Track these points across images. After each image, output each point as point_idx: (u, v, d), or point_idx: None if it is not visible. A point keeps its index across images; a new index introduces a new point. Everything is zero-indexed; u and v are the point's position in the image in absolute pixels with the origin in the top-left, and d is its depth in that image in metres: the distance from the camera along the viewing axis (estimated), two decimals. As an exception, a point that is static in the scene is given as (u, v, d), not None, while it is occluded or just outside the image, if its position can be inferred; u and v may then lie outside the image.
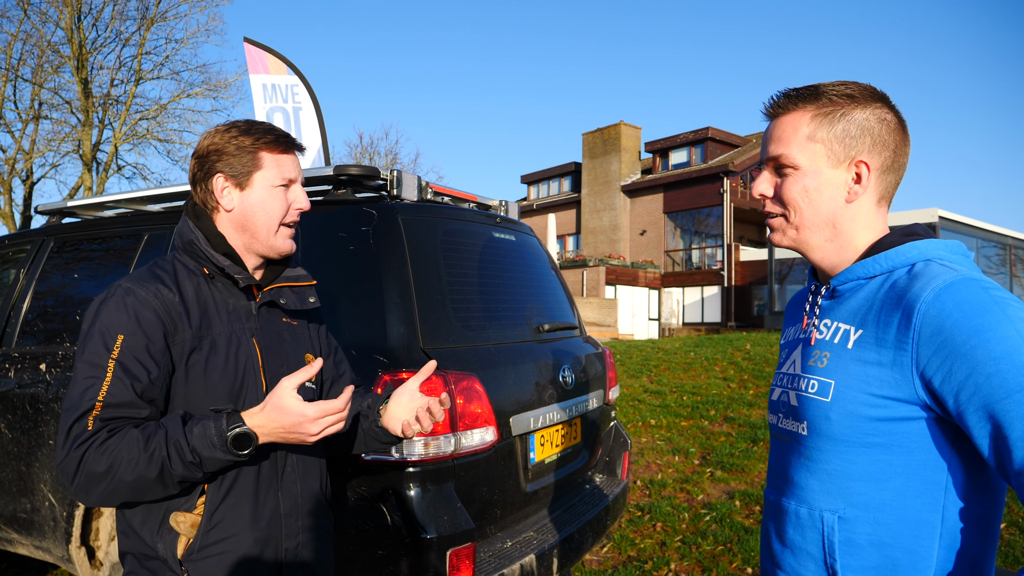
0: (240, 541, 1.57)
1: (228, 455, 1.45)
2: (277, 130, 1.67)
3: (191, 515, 1.54)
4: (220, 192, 1.63)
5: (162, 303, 1.55)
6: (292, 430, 1.47)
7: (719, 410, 8.05)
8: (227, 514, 1.56)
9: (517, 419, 2.70)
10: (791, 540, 1.29)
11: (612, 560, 4.24)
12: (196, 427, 1.45)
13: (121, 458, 1.41)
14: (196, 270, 1.64)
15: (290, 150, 1.68)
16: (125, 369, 1.47)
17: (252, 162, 1.62)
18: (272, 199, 1.64)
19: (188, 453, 1.43)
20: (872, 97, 1.24)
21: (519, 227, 3.49)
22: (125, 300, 1.52)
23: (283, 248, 1.69)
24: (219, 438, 1.44)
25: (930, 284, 1.12)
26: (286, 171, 1.66)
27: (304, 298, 1.78)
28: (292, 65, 6.60)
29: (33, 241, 3.78)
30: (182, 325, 1.56)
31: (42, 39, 22.45)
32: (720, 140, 31.02)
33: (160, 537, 1.53)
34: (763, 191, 1.32)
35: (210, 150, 1.63)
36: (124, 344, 1.48)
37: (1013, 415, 1.01)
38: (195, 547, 1.53)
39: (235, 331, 1.64)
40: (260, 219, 1.64)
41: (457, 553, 2.27)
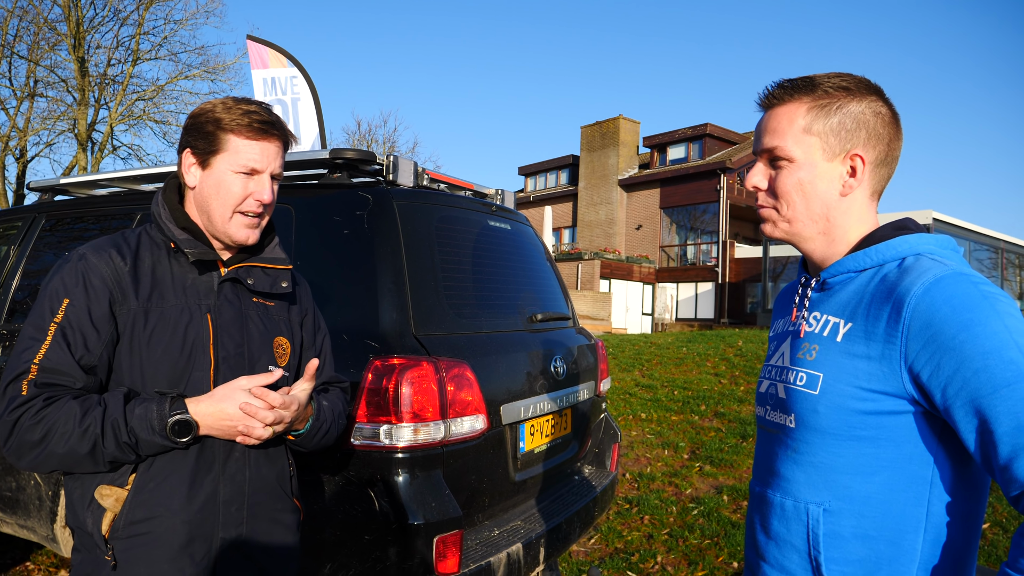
0: (167, 522, 1.50)
1: (165, 440, 1.43)
2: (259, 113, 1.58)
3: (118, 490, 1.49)
4: (187, 168, 1.60)
5: (112, 270, 1.52)
6: (239, 423, 1.49)
7: (709, 405, 8.08)
8: (155, 492, 1.50)
9: (508, 408, 2.70)
10: (776, 532, 1.29)
11: (599, 551, 4.25)
12: (138, 408, 1.42)
13: (56, 430, 1.38)
14: (162, 243, 1.61)
15: (265, 136, 1.58)
16: (64, 334, 1.45)
17: (218, 143, 1.56)
18: (228, 184, 1.57)
19: (124, 434, 1.40)
20: (867, 89, 1.24)
21: (515, 216, 3.49)
22: (77, 266, 1.50)
23: (237, 236, 1.61)
24: (159, 422, 1.42)
25: (920, 278, 1.11)
26: (251, 159, 1.57)
27: (276, 281, 1.71)
28: (292, 57, 6.77)
29: (24, 218, 3.75)
30: (129, 294, 1.52)
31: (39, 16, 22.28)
32: (718, 137, 31.01)
33: (89, 512, 1.49)
34: (757, 183, 1.31)
35: (191, 122, 1.59)
36: (68, 309, 1.46)
37: (1000, 410, 1.01)
38: (120, 524, 1.48)
39: (188, 305, 1.58)
40: (214, 203, 1.59)
41: (444, 540, 2.27)
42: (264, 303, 1.71)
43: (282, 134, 1.62)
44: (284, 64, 6.77)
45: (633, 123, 33.81)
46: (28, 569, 3.95)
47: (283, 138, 1.63)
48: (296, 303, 1.83)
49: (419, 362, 2.32)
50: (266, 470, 1.67)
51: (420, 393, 2.29)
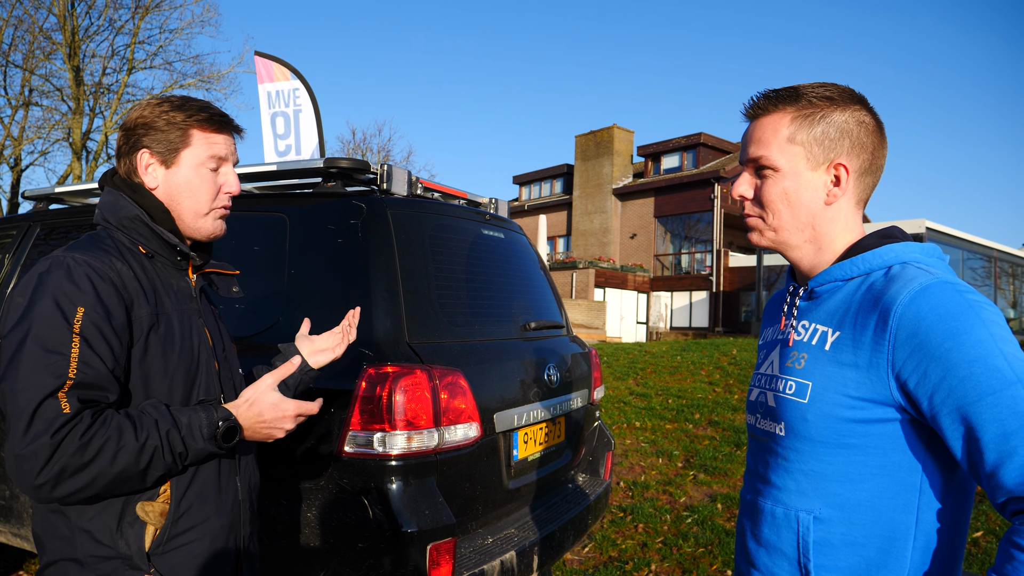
0: (209, 527, 1.52)
1: (214, 447, 1.43)
2: (212, 108, 1.57)
3: (158, 503, 1.44)
4: (144, 169, 1.52)
5: (118, 275, 1.43)
6: (272, 425, 1.52)
7: (704, 414, 8.09)
8: (195, 500, 1.50)
9: (501, 416, 2.70)
10: (766, 539, 1.30)
11: (593, 560, 4.25)
12: (183, 417, 1.41)
13: (109, 448, 1.28)
14: (132, 248, 1.52)
15: (224, 129, 1.57)
16: (90, 344, 1.33)
17: (181, 139, 1.52)
18: (200, 180, 1.54)
19: (179, 443, 1.38)
20: (851, 99, 1.25)
21: (508, 225, 3.50)
22: (79, 271, 1.37)
23: (211, 231, 1.60)
24: (208, 429, 1.42)
25: (906, 287, 1.13)
26: (216, 150, 1.55)
27: (228, 286, 1.74)
28: (295, 70, 6.99)
29: (19, 227, 3.75)
30: (140, 300, 1.45)
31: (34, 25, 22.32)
32: (712, 146, 31.12)
33: (121, 533, 1.40)
34: (743, 192, 1.32)
35: (138, 123, 1.52)
36: (85, 317, 1.34)
37: (985, 417, 1.02)
38: (164, 537, 1.44)
39: (183, 312, 1.55)
40: (186, 200, 1.54)
41: (437, 548, 2.27)
42: (214, 309, 1.75)
43: (236, 127, 1.62)
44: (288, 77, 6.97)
45: (627, 132, 33.93)
46: (20, 579, 3.92)
47: (237, 130, 1.63)
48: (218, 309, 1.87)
49: (413, 370, 2.33)
50: (255, 469, 1.75)
51: (414, 401, 2.29)
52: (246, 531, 1.65)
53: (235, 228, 2.78)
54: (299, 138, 6.79)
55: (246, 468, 1.67)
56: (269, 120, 7.00)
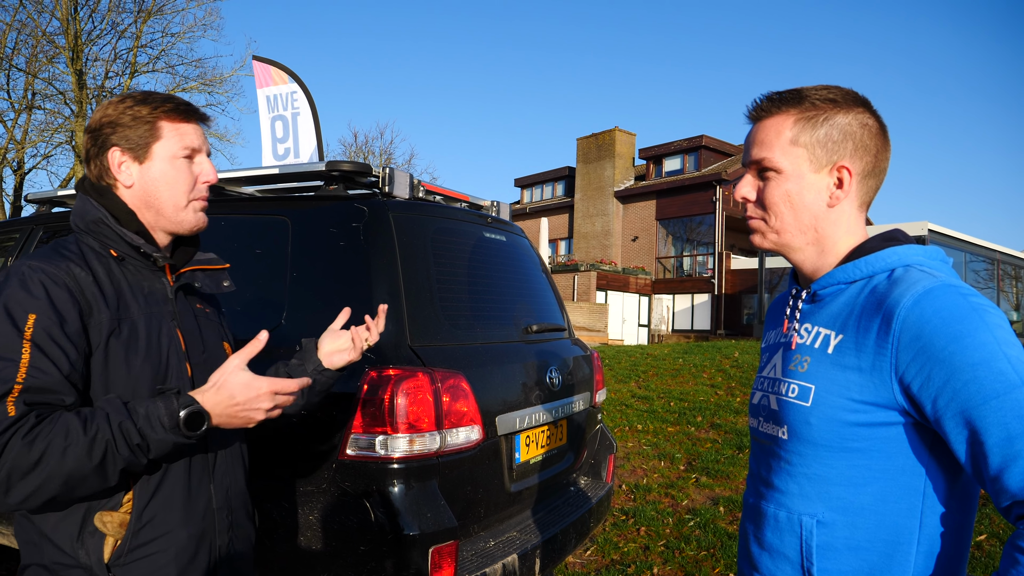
0: (174, 538, 1.46)
1: (178, 437, 1.33)
2: (176, 98, 1.55)
3: (119, 514, 1.41)
4: (117, 167, 1.50)
5: (75, 281, 1.40)
6: (246, 407, 1.39)
7: (706, 416, 8.08)
8: (159, 510, 1.44)
9: (503, 419, 2.70)
10: (769, 543, 1.30)
11: (595, 563, 4.24)
12: (140, 408, 1.33)
13: (56, 445, 1.24)
14: (103, 252, 1.49)
15: (191, 119, 1.55)
16: (42, 350, 1.30)
17: (150, 132, 1.49)
18: (175, 171, 1.52)
19: (135, 435, 1.30)
20: (854, 102, 1.25)
21: (510, 228, 3.50)
22: (33, 278, 1.36)
23: (193, 223, 1.57)
24: (169, 418, 1.32)
25: (910, 290, 1.12)
26: (188, 140, 1.53)
27: (218, 282, 1.69)
28: (293, 73, 6.98)
29: (22, 230, 3.76)
30: (98, 306, 1.41)
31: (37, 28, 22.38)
32: (714, 148, 31.11)
33: (81, 542, 1.38)
34: (745, 194, 1.32)
35: (103, 122, 1.49)
36: (37, 324, 1.31)
37: (989, 421, 1.02)
38: (124, 549, 1.40)
39: (154, 315, 1.51)
40: (164, 193, 1.51)
41: (439, 551, 2.27)
42: (204, 309, 1.69)
43: (202, 116, 1.60)
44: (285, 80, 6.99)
45: (629, 135, 33.93)
46: (21, 582, 3.92)
47: (204, 119, 1.60)
48: (218, 306, 1.82)
49: (415, 373, 2.33)
50: (239, 472, 1.68)
51: (416, 404, 2.29)
52: (222, 540, 1.58)
53: (237, 231, 2.79)
54: (297, 141, 6.81)
55: (224, 475, 1.61)
56: (268, 124, 7.03)
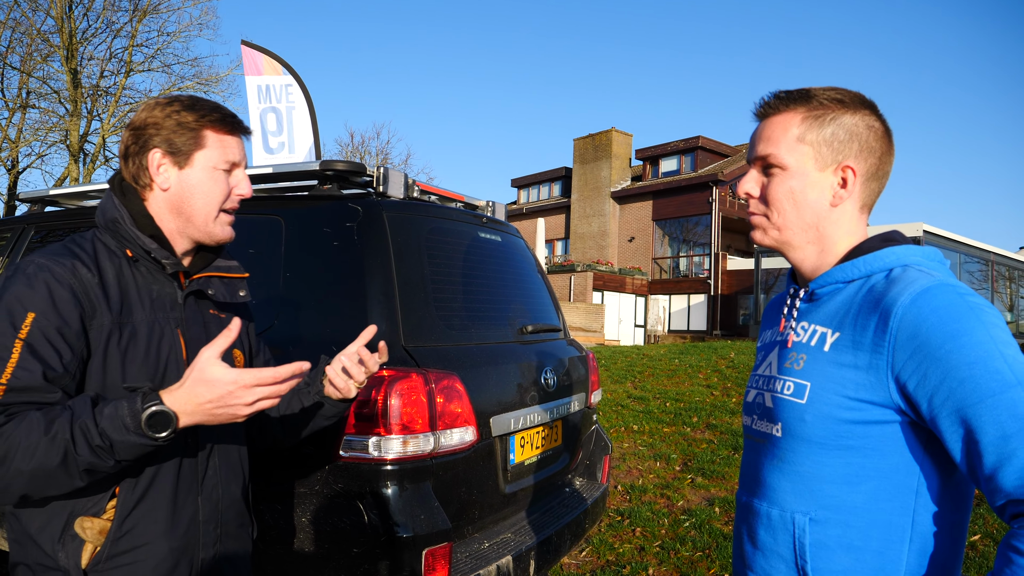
0: (153, 550, 1.43)
1: (142, 439, 1.26)
2: (223, 109, 1.55)
3: (99, 520, 1.39)
4: (156, 169, 1.50)
5: (80, 281, 1.39)
6: (222, 403, 1.29)
7: (701, 417, 8.08)
8: (140, 520, 1.42)
9: (498, 419, 2.69)
10: (762, 542, 1.29)
11: (591, 564, 4.23)
12: (107, 408, 1.28)
13: (18, 444, 1.23)
14: (118, 251, 1.50)
15: (236, 131, 1.56)
16: (33, 351, 1.30)
17: (194, 140, 1.50)
18: (212, 182, 1.52)
19: (96, 436, 1.25)
20: (861, 103, 1.26)
21: (505, 228, 3.49)
22: (38, 276, 1.35)
23: (221, 235, 1.57)
24: (132, 419, 1.25)
25: (907, 289, 1.12)
26: (230, 154, 1.54)
27: (235, 290, 1.67)
28: (287, 65, 6.76)
29: (14, 229, 3.74)
30: (101, 308, 1.41)
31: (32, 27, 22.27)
32: (710, 149, 31.17)
33: (62, 545, 1.38)
34: (749, 190, 1.32)
35: (148, 123, 1.49)
36: (35, 323, 1.31)
37: (985, 420, 1.02)
38: (102, 556, 1.39)
39: (157, 320, 1.50)
40: (198, 202, 1.52)
41: (433, 553, 2.26)
42: (218, 315, 1.66)
43: (245, 129, 1.59)
44: (279, 72, 6.76)
45: (626, 135, 33.97)
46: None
47: (247, 132, 1.60)
48: (242, 313, 1.79)
49: (408, 374, 2.32)
50: (234, 486, 1.64)
51: (409, 405, 2.28)
52: (207, 554, 1.55)
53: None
54: (292, 136, 6.66)
55: (214, 487, 1.58)
56: (259, 115, 6.81)
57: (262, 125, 6.80)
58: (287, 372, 1.32)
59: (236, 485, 1.65)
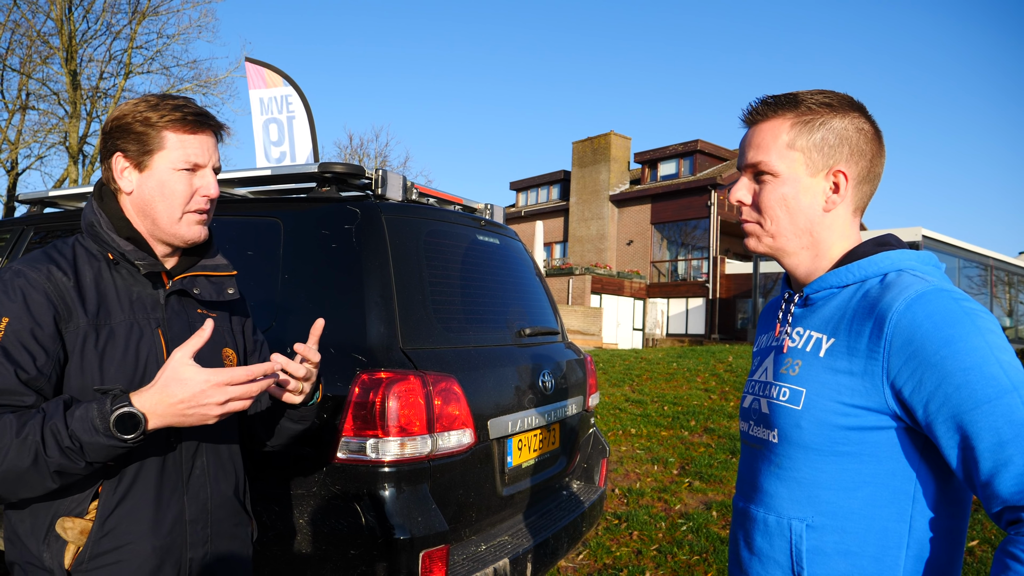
0: (137, 550, 1.43)
1: (111, 440, 1.26)
2: (189, 107, 1.51)
3: (81, 521, 1.40)
4: (119, 173, 1.50)
5: (54, 286, 1.41)
6: (194, 403, 1.29)
7: (699, 421, 8.08)
8: (122, 520, 1.42)
9: (495, 422, 2.69)
10: (759, 548, 1.29)
11: (588, 567, 4.23)
12: (78, 410, 1.28)
13: None
14: (99, 255, 1.51)
15: (200, 129, 1.51)
16: (7, 354, 1.33)
17: (154, 141, 1.47)
18: (173, 183, 1.49)
19: (66, 438, 1.26)
20: (850, 106, 1.25)
21: (504, 231, 3.49)
22: (14, 282, 1.39)
23: (188, 236, 1.54)
24: (101, 420, 1.26)
25: (902, 294, 1.12)
26: (192, 154, 1.50)
27: (222, 288, 1.65)
28: (287, 76, 7.00)
29: (13, 230, 3.74)
30: (77, 311, 1.42)
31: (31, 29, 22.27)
32: (709, 153, 31.21)
33: (47, 545, 1.39)
34: (741, 198, 1.32)
35: (114, 125, 1.49)
36: (9, 328, 1.34)
37: (981, 426, 1.02)
38: (85, 556, 1.39)
39: (137, 321, 1.49)
40: (159, 205, 1.50)
41: (430, 555, 2.26)
42: (207, 313, 1.65)
43: (216, 125, 1.56)
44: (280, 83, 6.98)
45: (624, 139, 34.00)
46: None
47: (217, 129, 1.57)
48: (237, 311, 1.78)
49: (406, 376, 2.32)
50: (224, 485, 1.63)
51: (407, 407, 2.28)
52: (195, 554, 1.54)
53: (229, 232, 2.78)
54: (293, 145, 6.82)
55: (201, 487, 1.56)
56: (261, 126, 7.04)
57: (265, 136, 6.98)
58: (259, 371, 1.32)
59: (227, 484, 1.64)
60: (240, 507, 1.68)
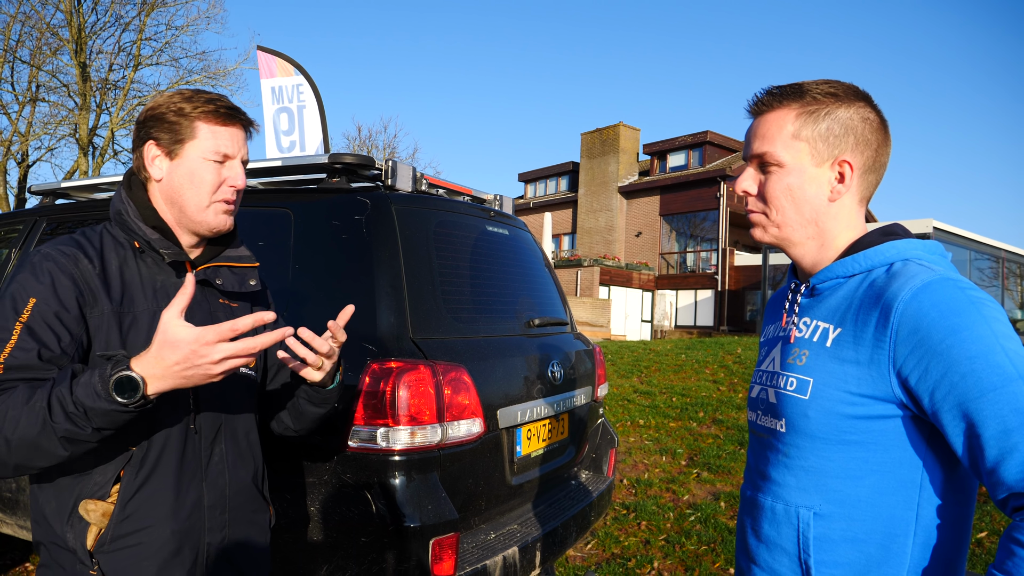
0: (156, 533, 1.47)
1: (113, 404, 1.27)
2: (221, 100, 1.57)
3: (103, 504, 1.43)
4: (150, 161, 1.55)
5: (80, 271, 1.45)
6: (189, 364, 1.28)
7: (708, 412, 8.08)
8: (143, 503, 1.46)
9: (504, 412, 2.71)
10: (766, 536, 1.30)
11: (596, 557, 4.25)
12: (83, 376, 1.30)
13: (5, 414, 1.29)
14: (126, 243, 1.55)
15: (231, 122, 1.57)
16: (32, 333, 1.37)
17: (186, 131, 1.53)
18: (203, 172, 1.54)
19: (70, 403, 1.27)
20: (855, 96, 1.25)
21: (513, 222, 3.50)
22: (42, 264, 1.43)
23: (215, 224, 1.59)
24: (102, 384, 1.26)
25: (908, 283, 1.13)
26: (222, 145, 1.55)
27: (244, 280, 1.69)
28: (298, 65, 6.94)
29: (25, 221, 3.77)
30: (101, 298, 1.46)
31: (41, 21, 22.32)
32: (718, 144, 31.06)
33: (70, 526, 1.43)
34: (747, 188, 1.32)
35: (149, 115, 1.54)
36: (35, 308, 1.38)
37: (986, 414, 1.02)
38: (107, 538, 1.43)
39: (160, 309, 1.51)
40: (188, 193, 1.54)
41: (440, 543, 2.28)
42: (229, 304, 1.68)
43: (246, 120, 1.61)
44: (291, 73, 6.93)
45: (633, 130, 33.87)
46: (28, 570, 3.95)
47: (248, 124, 1.62)
48: (259, 302, 1.81)
49: (416, 365, 2.34)
50: (243, 472, 1.66)
51: (417, 396, 2.30)
52: (213, 539, 1.57)
53: (240, 223, 2.79)
54: (303, 134, 6.79)
55: (219, 473, 1.60)
56: (272, 116, 7.00)
57: (275, 126, 6.96)
58: (246, 324, 1.30)
59: (246, 471, 1.67)
60: (258, 494, 1.71)
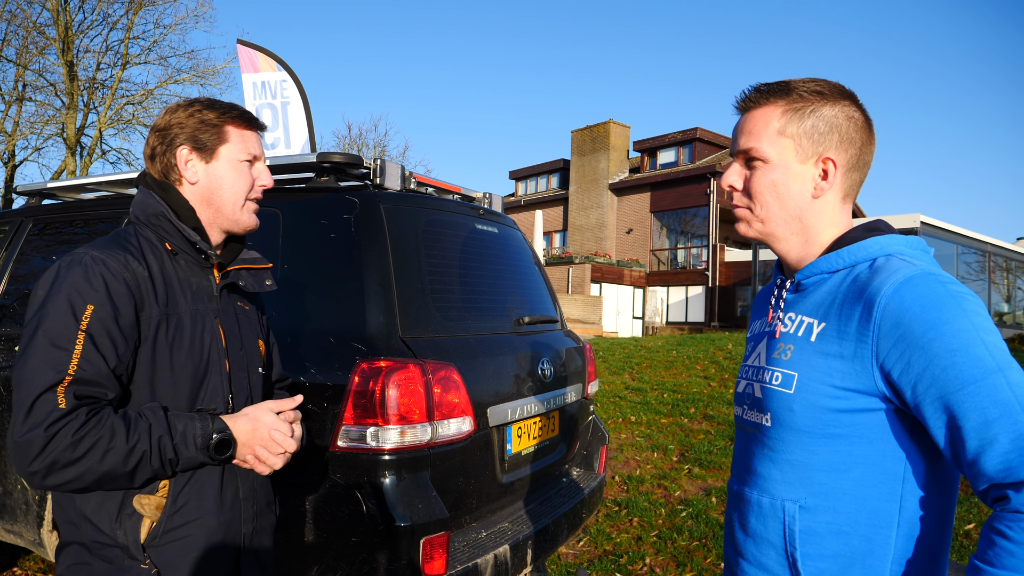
0: (204, 524, 1.54)
1: (206, 458, 1.44)
2: (240, 107, 1.67)
3: (155, 497, 1.49)
4: (184, 164, 1.60)
5: (132, 275, 1.48)
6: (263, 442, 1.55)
7: (699, 408, 8.11)
8: (192, 496, 1.52)
9: (495, 410, 2.71)
10: (753, 529, 1.31)
11: (588, 553, 4.27)
12: (179, 424, 1.42)
13: (98, 447, 1.33)
14: (159, 245, 1.59)
15: (253, 127, 1.69)
16: (95, 342, 1.38)
17: (218, 136, 1.61)
18: (237, 173, 1.64)
19: (170, 451, 1.40)
20: (840, 95, 1.27)
21: (502, 219, 3.50)
22: (94, 269, 1.43)
23: (248, 223, 1.69)
24: (204, 439, 1.44)
25: (890, 278, 1.14)
26: (251, 147, 1.66)
27: (261, 280, 1.76)
28: (282, 61, 6.82)
29: (11, 222, 3.75)
30: (150, 300, 1.50)
31: (27, 19, 22.17)
32: (708, 141, 31.12)
33: (119, 523, 1.46)
34: (732, 183, 1.34)
35: (173, 123, 1.60)
36: (94, 315, 1.39)
37: (967, 406, 1.04)
38: (159, 531, 1.48)
39: (199, 310, 1.59)
40: (226, 192, 1.63)
41: (431, 542, 2.28)
42: (244, 307, 1.76)
43: (262, 125, 1.72)
44: (274, 68, 6.81)
45: (623, 127, 33.90)
46: (16, 575, 3.93)
47: (262, 128, 1.74)
48: (260, 304, 1.89)
49: (406, 364, 2.34)
50: None
51: (407, 395, 2.30)
52: (247, 528, 1.65)
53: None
54: (288, 132, 6.71)
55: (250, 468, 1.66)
56: (255, 111, 6.92)
57: None
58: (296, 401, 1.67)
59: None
60: (271, 487, 1.80)
